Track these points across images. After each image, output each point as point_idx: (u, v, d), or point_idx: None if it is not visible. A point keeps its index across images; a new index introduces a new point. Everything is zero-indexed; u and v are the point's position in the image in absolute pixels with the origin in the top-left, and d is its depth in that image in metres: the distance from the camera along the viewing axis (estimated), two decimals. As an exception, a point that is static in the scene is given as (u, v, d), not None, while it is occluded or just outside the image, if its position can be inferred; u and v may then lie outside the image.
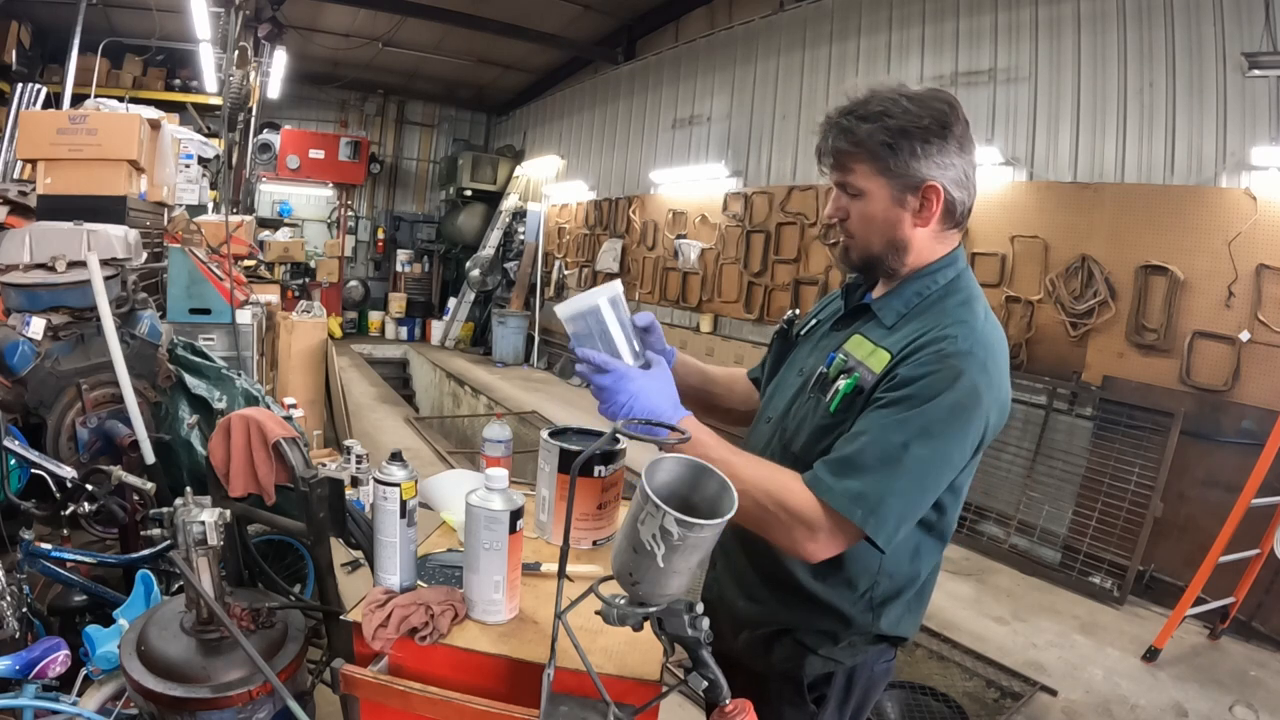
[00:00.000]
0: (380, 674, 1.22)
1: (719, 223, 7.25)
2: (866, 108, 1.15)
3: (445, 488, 1.70)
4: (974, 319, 1.16)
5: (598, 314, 1.24)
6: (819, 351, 1.32)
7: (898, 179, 1.15)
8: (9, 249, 3.00)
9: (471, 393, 8.56)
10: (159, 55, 9.08)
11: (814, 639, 1.27)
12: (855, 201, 1.20)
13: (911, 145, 1.13)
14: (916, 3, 5.58)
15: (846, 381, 1.18)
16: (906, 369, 1.12)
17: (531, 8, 8.64)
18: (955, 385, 1.08)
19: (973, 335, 1.12)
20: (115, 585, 2.43)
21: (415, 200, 13.39)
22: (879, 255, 1.22)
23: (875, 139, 1.14)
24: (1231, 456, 3.71)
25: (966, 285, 1.22)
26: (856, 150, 1.16)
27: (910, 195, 1.16)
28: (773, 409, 1.36)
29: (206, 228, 4.77)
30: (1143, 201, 4.15)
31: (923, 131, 1.13)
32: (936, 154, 1.14)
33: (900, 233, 1.19)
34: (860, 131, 1.15)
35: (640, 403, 1.16)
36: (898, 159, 1.14)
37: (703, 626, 1.05)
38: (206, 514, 1.63)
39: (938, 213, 1.18)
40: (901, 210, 1.18)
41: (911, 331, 1.17)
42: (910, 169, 1.14)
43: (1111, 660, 3.29)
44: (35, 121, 3.82)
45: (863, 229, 1.21)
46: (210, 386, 2.99)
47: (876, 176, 1.16)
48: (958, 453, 1.12)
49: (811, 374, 1.27)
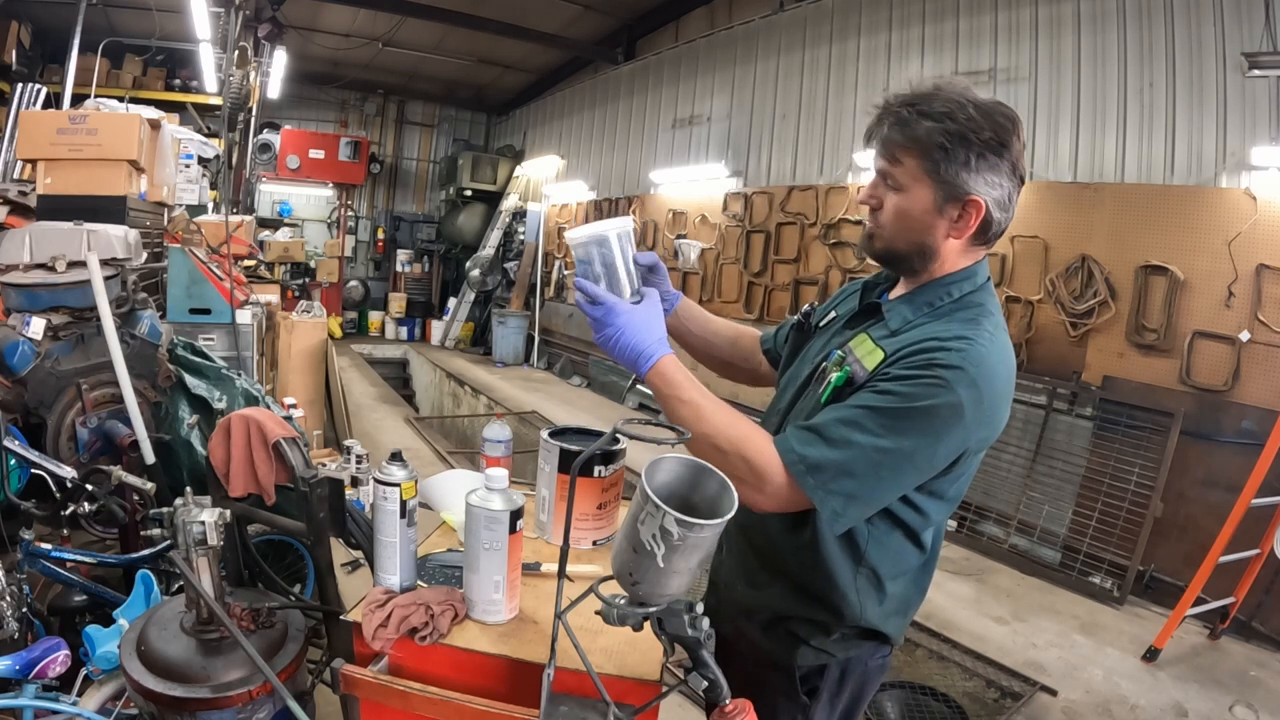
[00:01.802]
0: (380, 674, 1.22)
1: (719, 223, 7.25)
2: (930, 104, 1.11)
3: (445, 488, 1.70)
4: (977, 336, 1.12)
5: (606, 244, 1.32)
6: (830, 348, 1.30)
7: (943, 185, 1.12)
8: (9, 249, 3.00)
9: (471, 393, 8.56)
10: (159, 55, 9.08)
11: (806, 629, 1.28)
12: (894, 194, 1.17)
13: (967, 155, 1.10)
14: (916, 3, 5.58)
15: (838, 374, 1.18)
16: (896, 369, 1.12)
17: (531, 8, 8.64)
18: (935, 396, 1.08)
19: (969, 351, 1.10)
20: (115, 585, 2.43)
21: (415, 200, 13.39)
22: (903, 254, 1.21)
23: (933, 139, 1.10)
24: (1231, 456, 3.71)
25: (981, 301, 1.19)
26: (910, 145, 1.13)
27: (951, 205, 1.14)
28: (783, 401, 1.36)
29: (206, 228, 4.76)
30: (1143, 201, 4.15)
31: (981, 144, 1.10)
32: (989, 170, 1.11)
33: (931, 239, 1.17)
34: (919, 128, 1.11)
35: (626, 337, 1.22)
36: (950, 165, 1.11)
37: (703, 626, 1.05)
38: (206, 514, 1.63)
39: (974, 228, 1.15)
40: (939, 218, 1.15)
41: (912, 337, 1.16)
42: (959, 178, 1.11)
43: (1111, 660, 3.29)
44: (35, 121, 3.82)
45: (894, 224, 1.18)
46: (210, 386, 2.99)
47: (923, 176, 1.13)
48: (924, 458, 1.11)
49: (816, 369, 1.28)
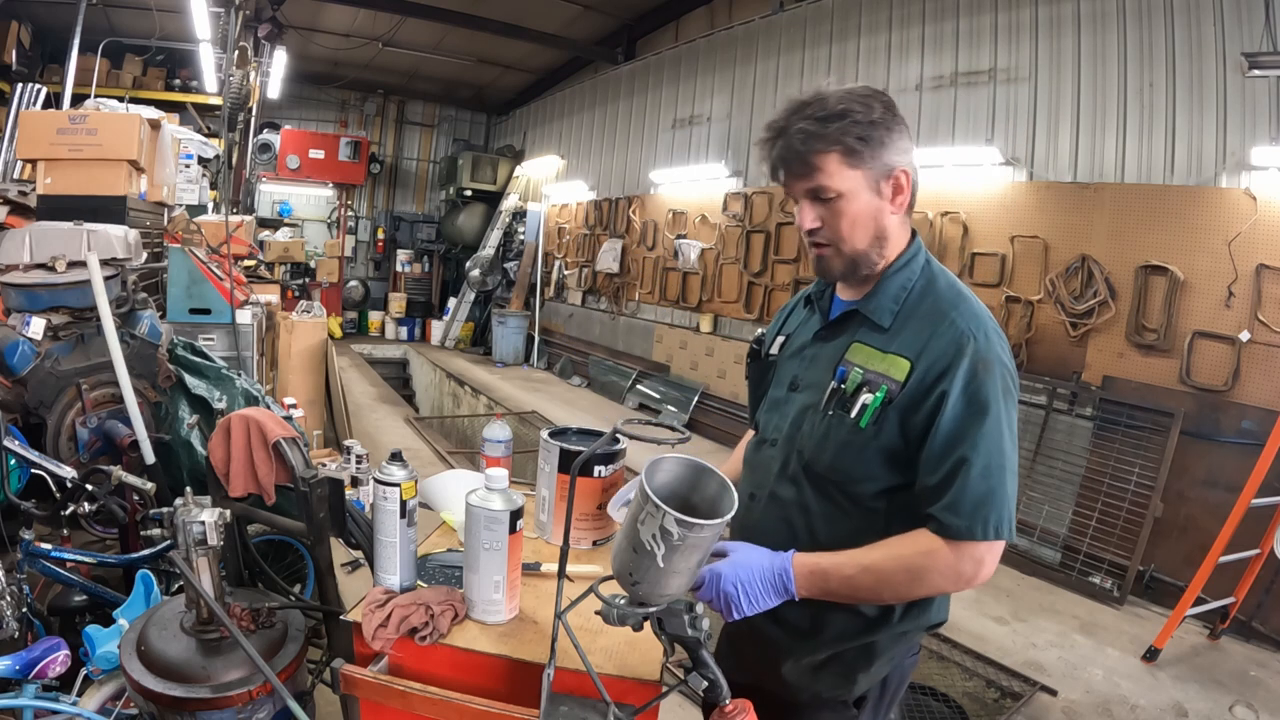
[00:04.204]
0: (380, 674, 1.22)
1: (719, 223, 7.25)
2: (824, 107, 1.17)
3: (445, 488, 1.71)
4: (971, 305, 1.21)
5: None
6: (814, 367, 1.31)
7: (871, 168, 1.18)
8: (9, 249, 3.00)
9: (471, 393, 8.56)
10: (159, 55, 9.07)
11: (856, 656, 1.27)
12: (833, 204, 1.20)
13: (879, 135, 1.17)
14: (916, 3, 5.58)
15: (874, 396, 1.18)
16: (954, 387, 1.14)
17: (531, 8, 8.64)
18: (995, 378, 1.14)
19: (980, 324, 1.17)
20: (115, 585, 2.43)
21: (415, 200, 13.38)
22: (865, 251, 1.23)
23: (847, 132, 1.16)
24: (1231, 456, 3.70)
25: (941, 271, 1.27)
26: (829, 147, 1.17)
27: (884, 183, 1.20)
28: (774, 430, 1.34)
29: (206, 228, 4.76)
30: (1143, 201, 4.15)
31: (881, 121, 1.17)
32: (897, 139, 1.19)
33: (883, 222, 1.22)
34: (829, 129, 1.16)
35: (746, 590, 1.14)
36: (869, 148, 1.17)
37: (702, 626, 1.05)
38: (206, 514, 1.63)
39: (907, 197, 1.23)
40: (879, 199, 1.21)
41: (917, 332, 1.19)
42: (881, 157, 1.18)
43: (1111, 660, 3.29)
44: (35, 121, 3.83)
45: (849, 229, 1.21)
46: (210, 386, 2.99)
47: (850, 171, 1.18)
48: (1015, 422, 1.19)
49: (821, 392, 1.26)
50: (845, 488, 1.22)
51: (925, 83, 5.46)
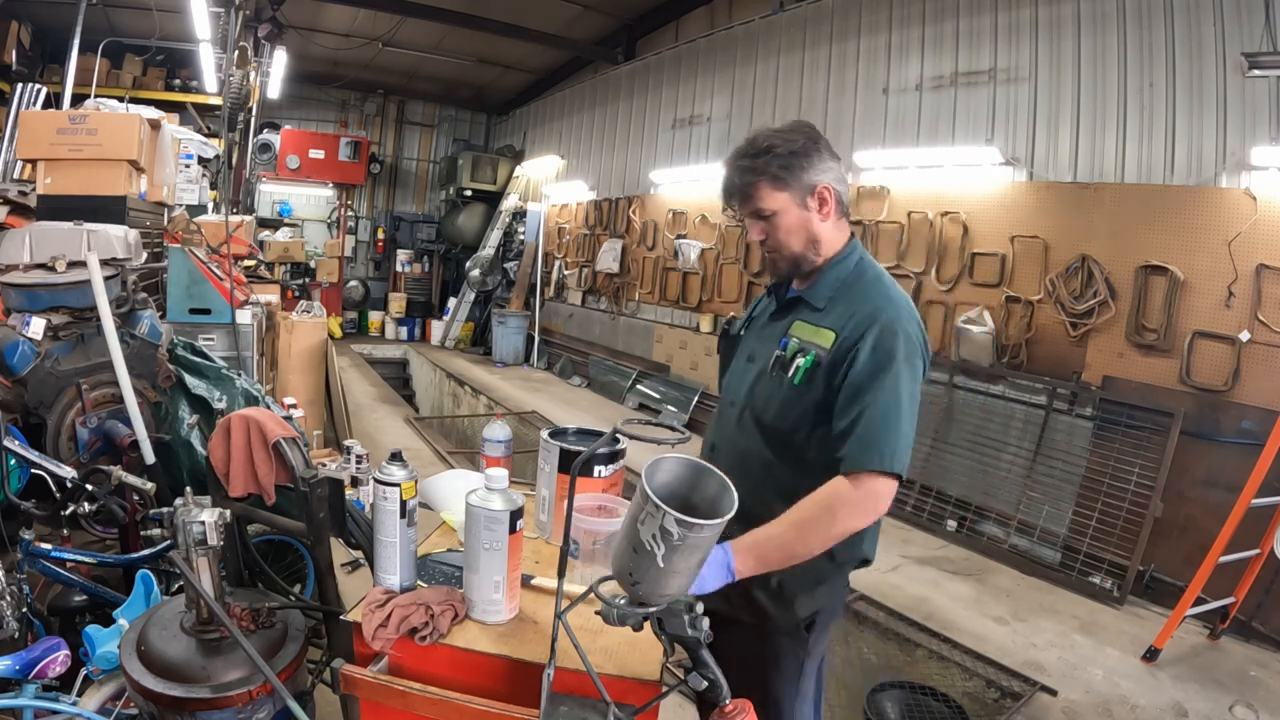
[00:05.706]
0: (380, 674, 1.22)
1: (719, 223, 7.25)
2: (755, 146, 1.49)
3: (445, 488, 1.71)
4: (888, 289, 1.49)
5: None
6: (766, 341, 1.60)
7: (796, 189, 1.48)
8: (9, 249, 3.00)
9: (471, 393, 8.56)
10: (159, 55, 9.07)
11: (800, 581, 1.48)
12: (771, 220, 1.51)
13: (799, 162, 1.47)
14: (916, 3, 5.58)
15: (805, 359, 1.46)
16: (864, 348, 1.39)
17: (531, 8, 8.63)
18: (899, 343, 1.40)
19: (893, 304, 1.45)
20: (115, 585, 2.43)
21: (415, 200, 13.38)
22: (802, 253, 1.53)
23: (770, 165, 1.47)
24: (1231, 456, 3.70)
25: (871, 265, 1.56)
26: (759, 179, 1.48)
27: (809, 198, 1.50)
28: (734, 394, 1.63)
29: (206, 228, 4.76)
30: (1143, 201, 4.15)
31: (801, 150, 1.47)
32: (817, 161, 1.49)
33: (812, 229, 1.52)
34: (758, 163, 1.48)
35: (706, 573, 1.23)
36: (791, 173, 1.47)
37: (702, 626, 1.05)
38: (206, 514, 1.63)
39: (833, 206, 1.52)
40: (807, 212, 1.51)
41: (843, 312, 1.47)
42: (803, 178, 1.48)
43: (1111, 660, 3.29)
44: (35, 121, 3.83)
45: (785, 238, 1.52)
46: (210, 386, 2.99)
47: (778, 193, 1.48)
48: (918, 387, 1.43)
49: (768, 360, 1.54)
50: (785, 436, 1.49)
51: (925, 83, 5.45)
